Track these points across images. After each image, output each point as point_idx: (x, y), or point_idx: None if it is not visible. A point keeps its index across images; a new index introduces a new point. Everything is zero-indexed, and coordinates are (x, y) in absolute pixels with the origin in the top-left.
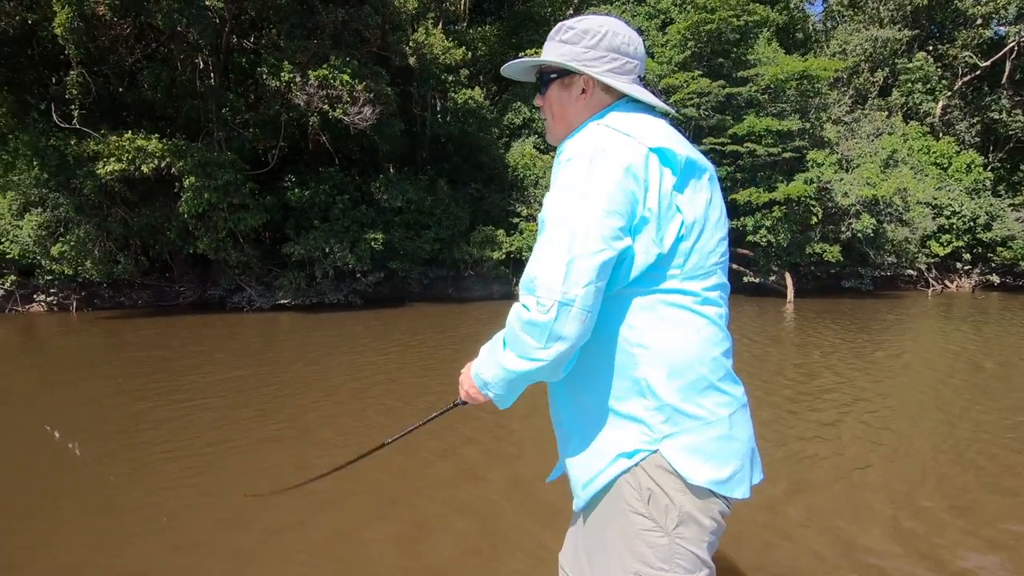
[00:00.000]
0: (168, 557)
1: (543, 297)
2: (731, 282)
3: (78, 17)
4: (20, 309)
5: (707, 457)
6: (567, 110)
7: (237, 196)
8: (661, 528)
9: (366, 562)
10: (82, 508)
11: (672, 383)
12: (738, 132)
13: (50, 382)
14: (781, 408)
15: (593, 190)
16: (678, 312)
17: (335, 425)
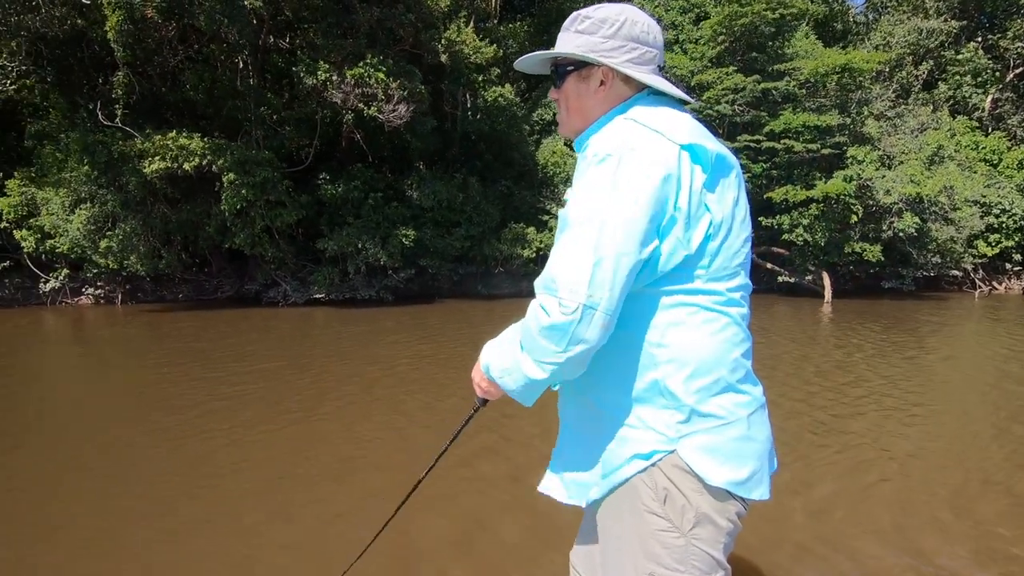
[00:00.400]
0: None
1: (566, 299)
2: (765, 281)
3: (128, 20)
4: (70, 301)
5: (726, 458)
6: (585, 103)
7: (274, 193)
8: (677, 529)
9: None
10: (115, 489)
11: (692, 384)
12: (774, 129)
13: (99, 370)
14: (808, 407)
15: (622, 190)
16: (701, 313)
17: (371, 417)
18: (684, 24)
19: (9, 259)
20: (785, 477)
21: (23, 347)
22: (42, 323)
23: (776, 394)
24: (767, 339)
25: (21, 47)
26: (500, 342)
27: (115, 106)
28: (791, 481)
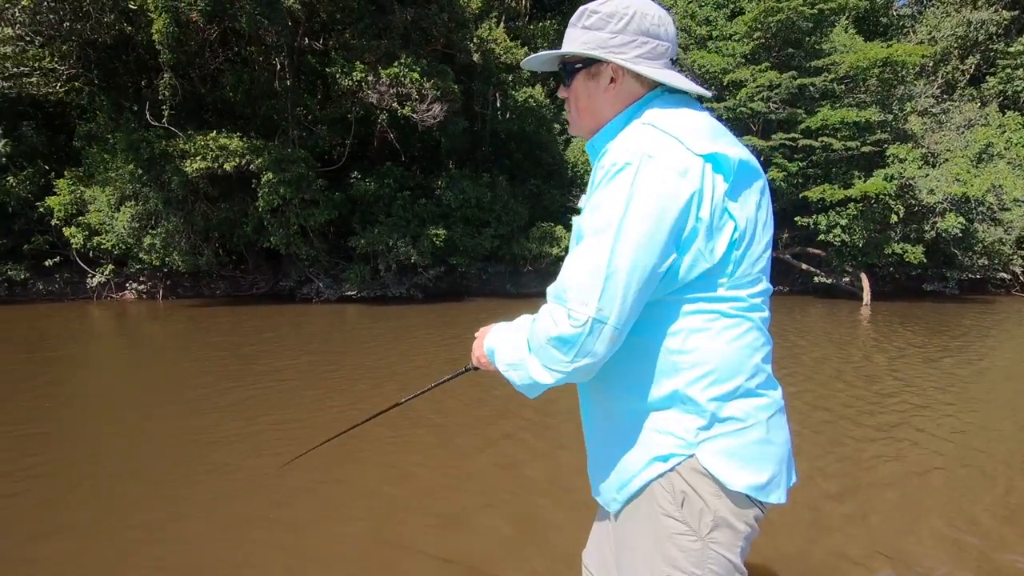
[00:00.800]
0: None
1: (576, 311)
2: (800, 283)
3: (173, 23)
4: (115, 296)
5: (745, 462)
6: (595, 102)
7: (308, 192)
8: (695, 532)
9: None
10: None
11: (713, 390)
12: (811, 126)
13: (141, 361)
14: (848, 412)
15: (640, 201)
16: (722, 319)
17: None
18: (718, 20)
19: (59, 255)
20: (823, 483)
21: (70, 339)
22: (88, 316)
23: (814, 396)
24: (803, 341)
25: (72, 52)
26: (509, 333)
27: (162, 107)
28: (830, 487)
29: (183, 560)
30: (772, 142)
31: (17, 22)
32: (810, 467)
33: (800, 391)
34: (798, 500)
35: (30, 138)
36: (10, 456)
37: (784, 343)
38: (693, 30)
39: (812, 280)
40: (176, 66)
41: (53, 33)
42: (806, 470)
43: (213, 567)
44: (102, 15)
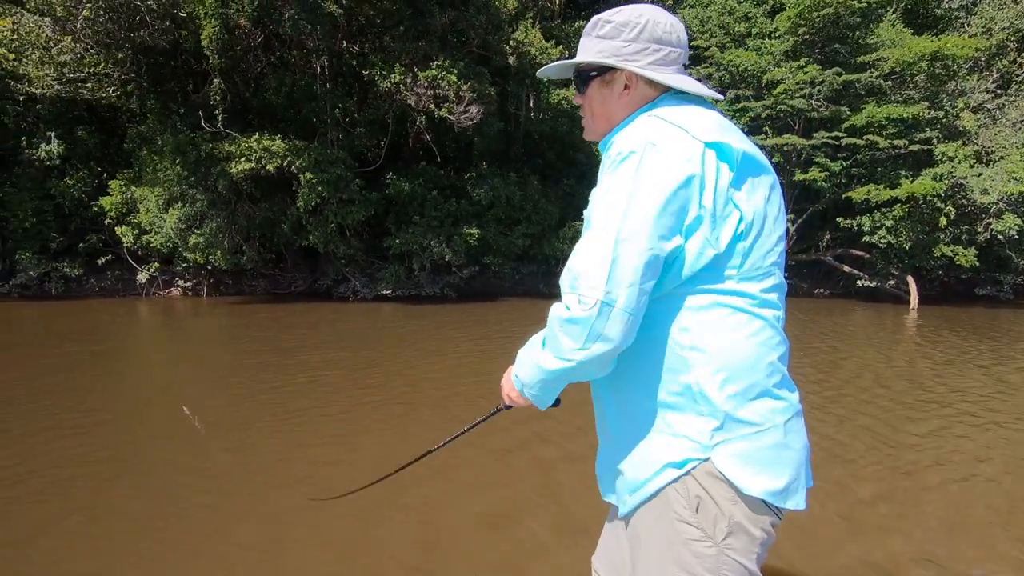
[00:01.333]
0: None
1: (585, 295)
2: (842, 285)
3: (223, 29)
4: (162, 293)
5: (762, 466)
6: (609, 108)
7: (346, 192)
8: (710, 538)
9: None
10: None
11: (726, 388)
12: (855, 123)
13: (185, 355)
14: (894, 420)
15: (643, 186)
16: (734, 314)
17: (432, 404)
18: (758, 17)
19: (111, 253)
20: (857, 487)
21: (123, 333)
22: (138, 312)
23: (857, 402)
24: (845, 345)
25: (126, 58)
26: (526, 348)
27: (214, 112)
28: (864, 492)
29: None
30: (813, 140)
31: (77, 31)
32: (845, 472)
33: (839, 395)
34: (829, 504)
35: (84, 141)
36: (82, 440)
37: (824, 347)
38: (731, 27)
39: (855, 283)
40: (223, 71)
41: (109, 41)
42: (840, 475)
43: (250, 541)
44: (156, 22)
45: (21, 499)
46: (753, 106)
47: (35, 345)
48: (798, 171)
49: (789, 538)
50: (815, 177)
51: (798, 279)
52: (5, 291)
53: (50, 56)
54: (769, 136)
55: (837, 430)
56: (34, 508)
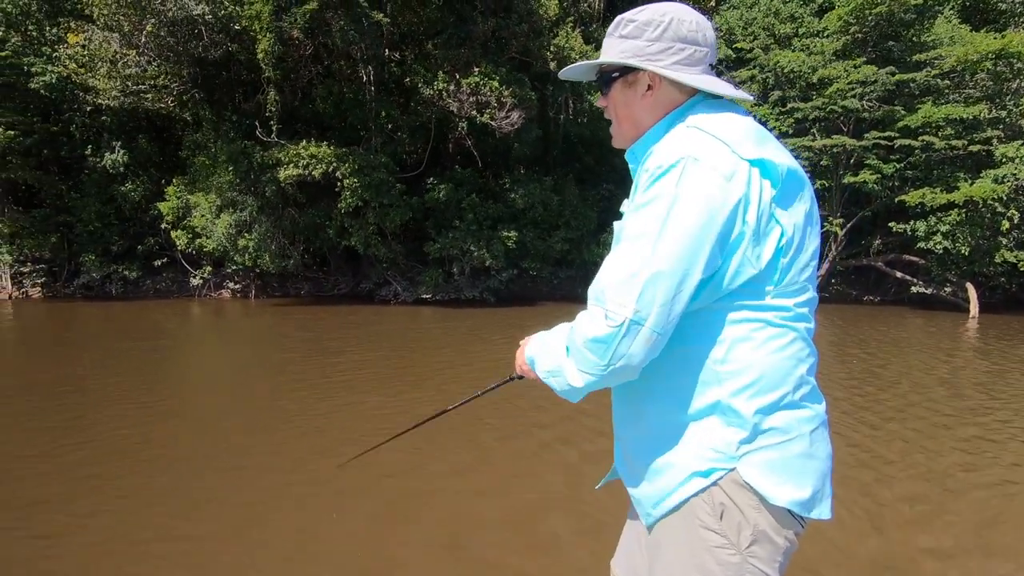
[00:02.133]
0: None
1: (612, 311)
2: (894, 292)
3: (277, 42)
4: (212, 295)
5: (788, 476)
6: (633, 110)
7: (387, 197)
8: (733, 546)
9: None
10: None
11: (756, 401)
12: (910, 124)
13: (237, 353)
14: (939, 424)
15: (684, 203)
16: (768, 328)
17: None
18: (804, 16)
19: (167, 256)
20: (914, 507)
21: (179, 332)
22: (192, 312)
23: (926, 412)
24: (901, 353)
25: (184, 70)
26: (549, 340)
27: (269, 122)
28: (915, 513)
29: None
30: (865, 141)
31: (141, 45)
32: (877, 474)
33: (907, 404)
34: (857, 502)
35: (144, 149)
36: (151, 427)
37: (879, 354)
38: (776, 28)
39: (908, 290)
40: (275, 81)
41: (170, 53)
42: (870, 479)
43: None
44: (212, 35)
45: (104, 475)
46: (802, 107)
47: (104, 340)
48: (848, 173)
49: (814, 544)
50: (866, 179)
51: (846, 285)
52: (70, 292)
53: (116, 70)
54: (817, 138)
55: (882, 442)
56: (126, 479)
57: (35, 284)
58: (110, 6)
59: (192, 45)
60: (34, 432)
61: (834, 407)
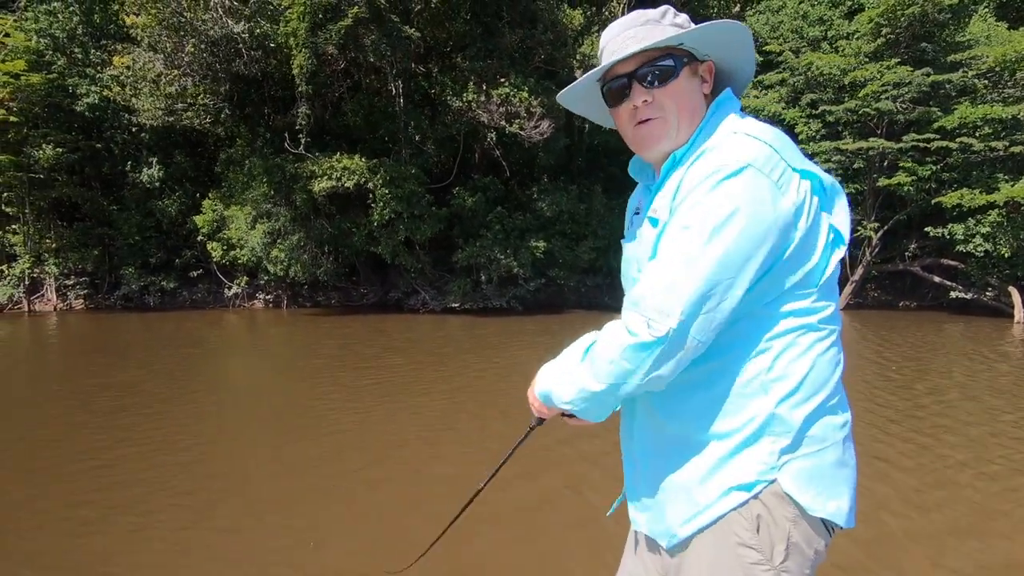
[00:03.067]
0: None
1: (655, 320)
2: (931, 297)
3: (312, 58)
4: (245, 305)
5: (825, 486)
6: (696, 105)
7: (418, 207)
8: (768, 561)
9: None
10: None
11: (802, 409)
12: (946, 125)
13: (272, 360)
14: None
15: (739, 213)
16: (811, 334)
17: (501, 402)
18: (834, 19)
19: (202, 267)
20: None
21: (217, 339)
22: (228, 321)
23: (960, 423)
24: (943, 358)
25: (222, 87)
26: (560, 367)
27: (299, 135)
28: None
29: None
30: (901, 144)
31: (184, 64)
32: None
33: (947, 407)
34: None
35: (180, 164)
36: (197, 420)
37: (913, 361)
38: (805, 31)
39: (947, 295)
40: (309, 96)
41: (209, 72)
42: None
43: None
44: (249, 52)
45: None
46: (834, 110)
47: (154, 348)
48: (882, 177)
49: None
50: (901, 182)
51: (881, 291)
52: (111, 303)
53: (159, 88)
54: (849, 140)
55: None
56: (191, 467)
57: (78, 296)
58: (154, 28)
59: (231, 63)
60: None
61: (888, 415)
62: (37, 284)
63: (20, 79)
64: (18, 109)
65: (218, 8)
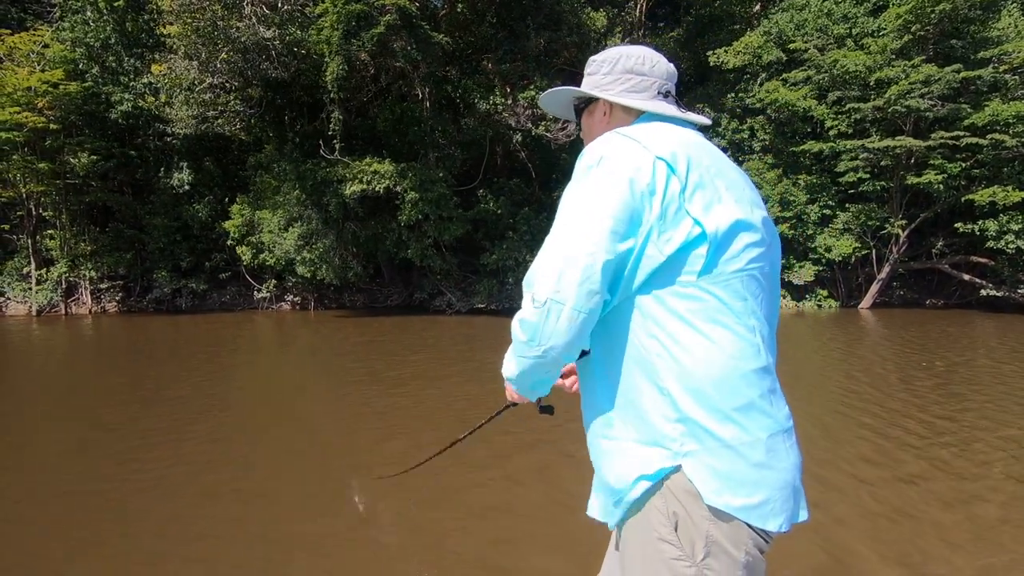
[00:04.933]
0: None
1: (537, 294)
2: (959, 296)
3: (345, 64)
4: (273, 307)
5: (736, 482)
6: (594, 133)
7: (446, 210)
8: (688, 557)
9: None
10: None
11: (697, 397)
12: (977, 122)
13: (301, 362)
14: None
15: (594, 192)
16: (701, 324)
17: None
18: (858, 16)
19: (231, 270)
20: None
21: (251, 340)
22: (257, 323)
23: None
24: (974, 359)
25: (254, 93)
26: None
27: (333, 140)
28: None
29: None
30: (930, 141)
31: (218, 71)
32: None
33: (972, 407)
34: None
35: (209, 170)
36: (227, 412)
37: (944, 360)
38: (830, 29)
39: (975, 292)
40: (340, 101)
41: (240, 78)
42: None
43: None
44: (280, 58)
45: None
46: (862, 108)
47: (190, 348)
48: (910, 175)
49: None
50: (931, 180)
51: (906, 289)
52: (142, 306)
53: (193, 96)
54: (876, 138)
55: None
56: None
57: (111, 300)
58: (189, 36)
59: (262, 69)
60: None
61: (928, 415)
62: (72, 288)
63: (59, 88)
64: (56, 117)
65: (252, 16)
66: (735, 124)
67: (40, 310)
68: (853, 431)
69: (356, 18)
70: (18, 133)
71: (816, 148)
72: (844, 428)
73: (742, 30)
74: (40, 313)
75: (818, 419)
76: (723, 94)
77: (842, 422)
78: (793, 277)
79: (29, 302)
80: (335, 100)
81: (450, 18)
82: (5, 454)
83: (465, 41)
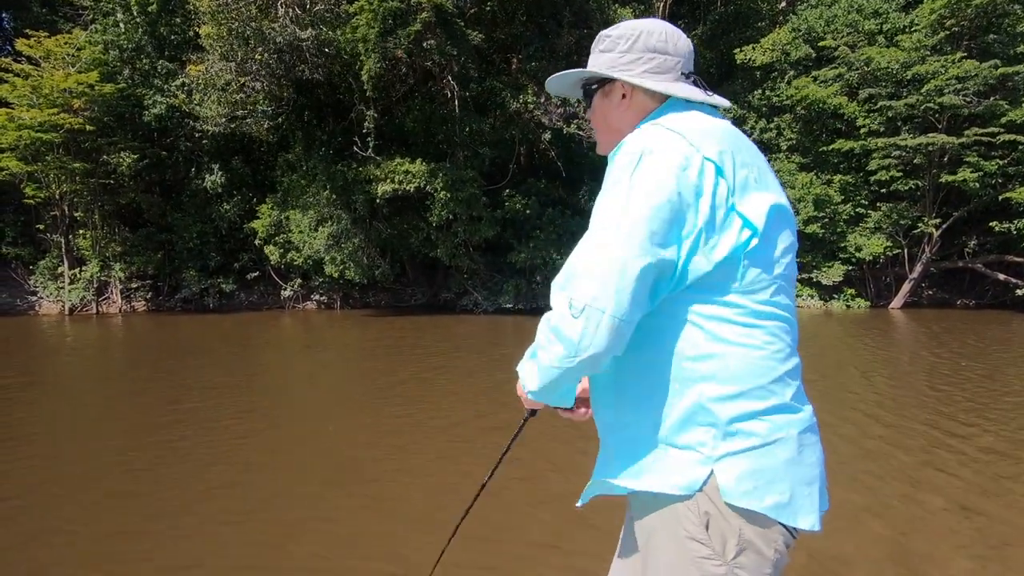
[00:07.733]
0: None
1: (575, 300)
2: (992, 295)
3: (381, 61)
4: (299, 306)
5: (768, 480)
6: (611, 118)
7: (476, 209)
8: (719, 556)
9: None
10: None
11: (733, 401)
12: (1014, 119)
13: (328, 362)
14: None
15: (638, 191)
16: (738, 327)
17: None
18: (889, 12)
19: (258, 270)
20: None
21: (278, 338)
22: (284, 322)
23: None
24: (1000, 358)
25: (286, 94)
26: (527, 355)
27: (367, 139)
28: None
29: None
30: (964, 139)
31: (253, 72)
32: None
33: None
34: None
35: (238, 170)
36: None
37: (976, 360)
38: (860, 25)
39: (1012, 292)
40: (373, 100)
41: (273, 79)
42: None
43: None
44: (313, 58)
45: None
46: (895, 105)
47: (222, 344)
48: (944, 173)
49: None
50: (965, 178)
51: (937, 289)
52: (171, 305)
53: (226, 96)
54: (909, 136)
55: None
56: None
57: (140, 299)
58: (224, 37)
59: (294, 69)
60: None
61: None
62: (102, 287)
63: (95, 89)
64: (92, 118)
65: (286, 16)
66: (762, 123)
67: (72, 309)
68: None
69: (393, 15)
70: (56, 134)
71: (848, 146)
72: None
73: (768, 27)
74: (72, 312)
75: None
76: (749, 91)
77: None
78: (821, 277)
79: (61, 301)
80: (370, 99)
81: (479, 16)
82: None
83: (495, 39)
